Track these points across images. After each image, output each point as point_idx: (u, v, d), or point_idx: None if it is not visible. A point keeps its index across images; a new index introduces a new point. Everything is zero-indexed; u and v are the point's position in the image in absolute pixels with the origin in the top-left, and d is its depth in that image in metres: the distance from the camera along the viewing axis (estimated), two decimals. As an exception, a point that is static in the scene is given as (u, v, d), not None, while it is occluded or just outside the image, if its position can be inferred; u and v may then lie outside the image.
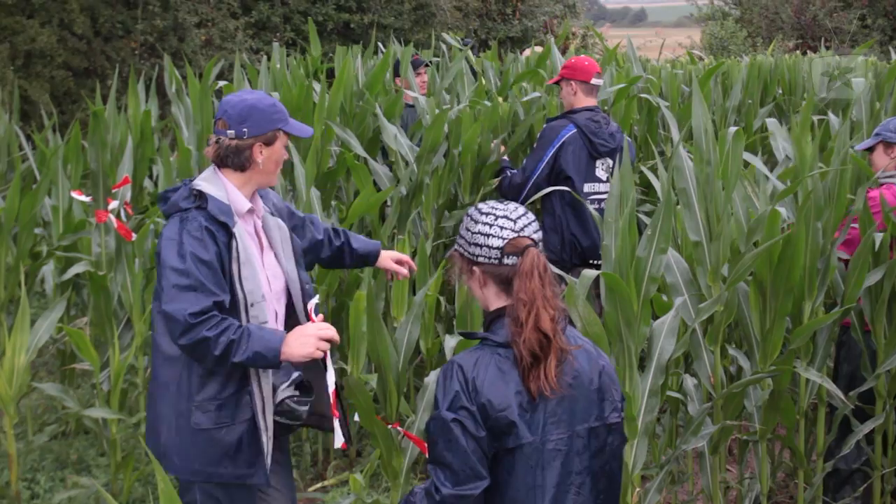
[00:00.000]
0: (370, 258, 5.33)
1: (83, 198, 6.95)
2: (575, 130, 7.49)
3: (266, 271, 4.71)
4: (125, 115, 8.31)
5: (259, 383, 4.55)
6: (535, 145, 7.67)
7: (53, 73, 16.36)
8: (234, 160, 4.62)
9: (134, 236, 6.59)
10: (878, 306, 5.96)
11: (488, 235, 3.56)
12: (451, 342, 5.32)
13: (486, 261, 3.57)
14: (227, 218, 4.51)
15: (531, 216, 3.63)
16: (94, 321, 6.72)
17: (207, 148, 4.72)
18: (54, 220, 7.65)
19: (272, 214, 4.84)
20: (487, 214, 3.60)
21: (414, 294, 6.38)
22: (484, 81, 9.29)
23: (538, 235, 3.62)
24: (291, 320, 4.82)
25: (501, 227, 3.56)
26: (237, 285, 4.50)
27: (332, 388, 4.58)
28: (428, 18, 24.95)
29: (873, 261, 5.93)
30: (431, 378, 5.49)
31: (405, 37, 23.02)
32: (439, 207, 7.80)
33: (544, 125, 7.74)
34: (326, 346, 4.45)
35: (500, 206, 3.64)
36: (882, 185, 6.43)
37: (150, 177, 8.92)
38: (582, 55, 8.22)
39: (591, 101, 7.68)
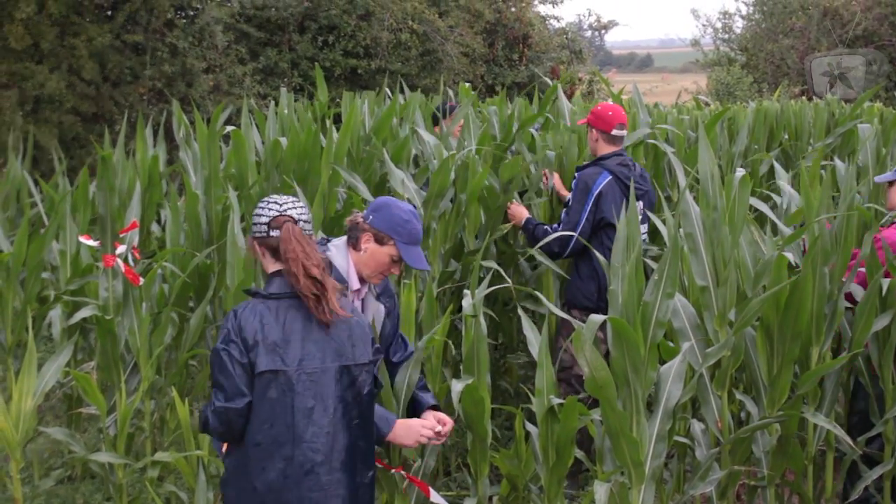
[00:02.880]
0: (418, 406, 5.45)
1: (91, 242, 6.95)
2: (610, 177, 7.49)
3: None
4: (133, 160, 8.33)
5: None
6: (571, 197, 7.64)
7: (62, 118, 16.45)
8: (351, 234, 5.20)
9: (141, 281, 6.59)
10: (886, 351, 5.95)
11: (260, 215, 4.68)
12: (457, 386, 5.31)
13: (260, 234, 4.67)
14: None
15: (298, 204, 4.74)
16: (101, 365, 6.71)
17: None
18: (62, 265, 7.65)
19: (377, 298, 5.36)
20: (263, 202, 4.74)
21: (421, 338, 6.37)
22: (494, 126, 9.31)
23: (298, 214, 4.69)
24: None
25: (269, 209, 4.68)
26: None
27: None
28: (435, 64, 25.09)
29: (881, 305, 5.93)
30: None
31: (412, 82, 23.13)
32: (446, 252, 7.81)
33: (577, 173, 7.72)
34: (428, 436, 5.16)
35: (276, 196, 4.78)
36: (892, 224, 6.45)
37: (158, 221, 8.93)
38: (611, 102, 8.18)
39: (615, 148, 7.67)
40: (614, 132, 7.62)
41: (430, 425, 5.12)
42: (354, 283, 5.16)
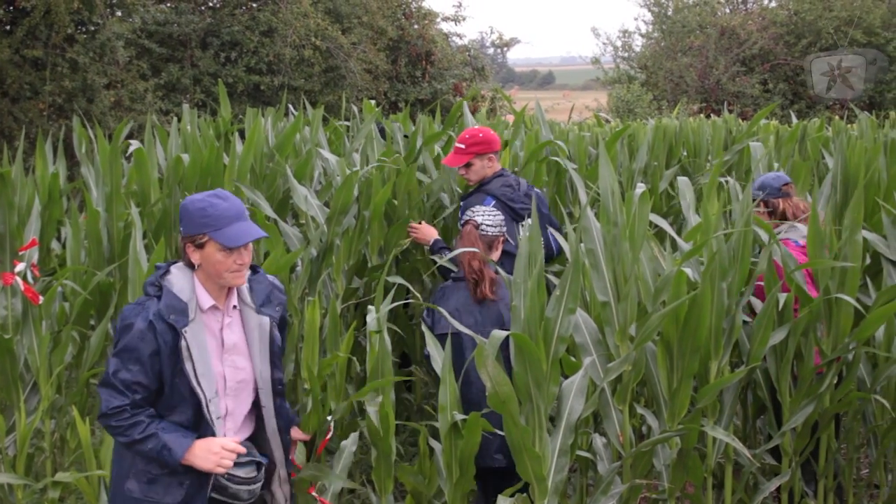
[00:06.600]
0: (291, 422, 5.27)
1: (-11, 260, 6.87)
2: (493, 202, 7.40)
3: (224, 369, 4.74)
4: (33, 176, 8.23)
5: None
6: (459, 224, 7.58)
7: (-41, 133, 16.21)
8: (182, 256, 4.69)
9: (41, 299, 6.52)
10: (783, 365, 6.06)
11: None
12: (371, 409, 5.31)
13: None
14: (177, 317, 4.55)
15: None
16: (0, 385, 6.62)
17: None
18: (-41, 283, 7.53)
19: (258, 311, 4.85)
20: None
21: (325, 355, 6.36)
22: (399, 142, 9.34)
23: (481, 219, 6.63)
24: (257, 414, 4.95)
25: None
26: (194, 382, 4.58)
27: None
28: (338, 81, 25.09)
29: (777, 320, 6.04)
30: (347, 442, 5.51)
31: (315, 99, 23.11)
32: (350, 269, 7.81)
33: (461, 202, 7.69)
34: (229, 463, 4.64)
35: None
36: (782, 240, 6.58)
37: (58, 239, 8.82)
38: (475, 127, 8.05)
39: (498, 167, 7.68)
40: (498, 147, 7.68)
41: (232, 448, 4.67)
42: (205, 302, 4.67)
